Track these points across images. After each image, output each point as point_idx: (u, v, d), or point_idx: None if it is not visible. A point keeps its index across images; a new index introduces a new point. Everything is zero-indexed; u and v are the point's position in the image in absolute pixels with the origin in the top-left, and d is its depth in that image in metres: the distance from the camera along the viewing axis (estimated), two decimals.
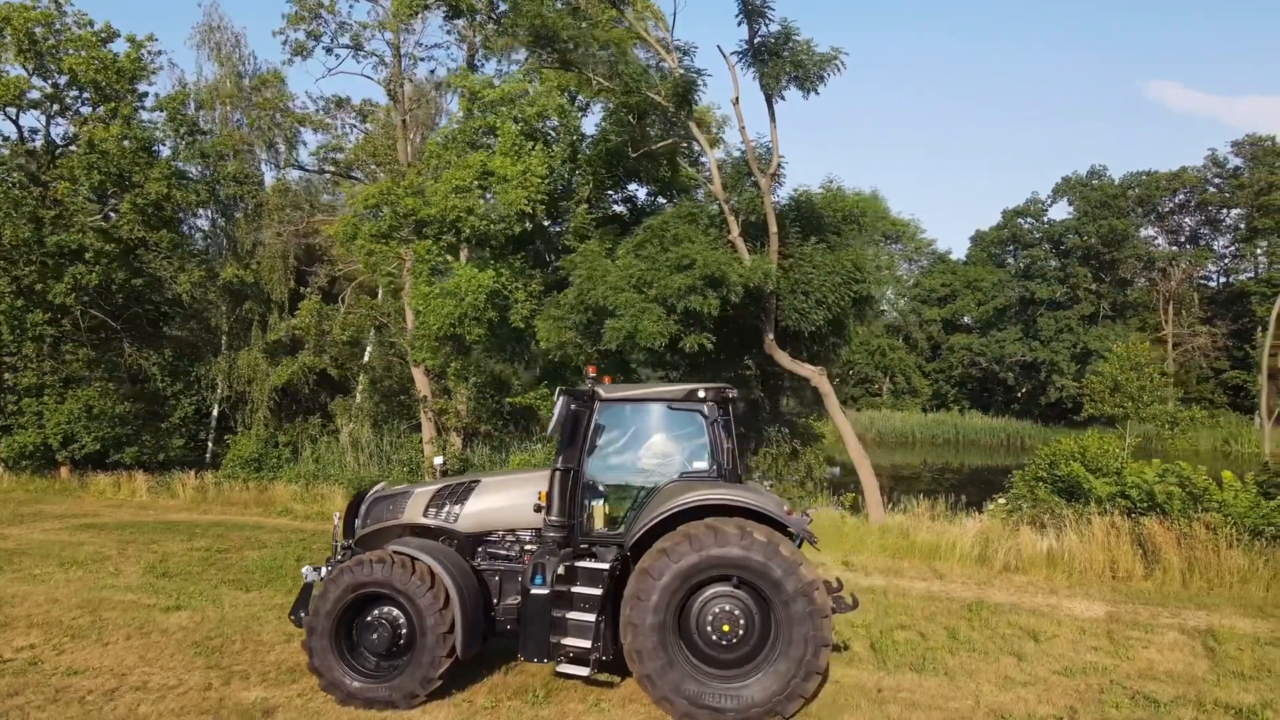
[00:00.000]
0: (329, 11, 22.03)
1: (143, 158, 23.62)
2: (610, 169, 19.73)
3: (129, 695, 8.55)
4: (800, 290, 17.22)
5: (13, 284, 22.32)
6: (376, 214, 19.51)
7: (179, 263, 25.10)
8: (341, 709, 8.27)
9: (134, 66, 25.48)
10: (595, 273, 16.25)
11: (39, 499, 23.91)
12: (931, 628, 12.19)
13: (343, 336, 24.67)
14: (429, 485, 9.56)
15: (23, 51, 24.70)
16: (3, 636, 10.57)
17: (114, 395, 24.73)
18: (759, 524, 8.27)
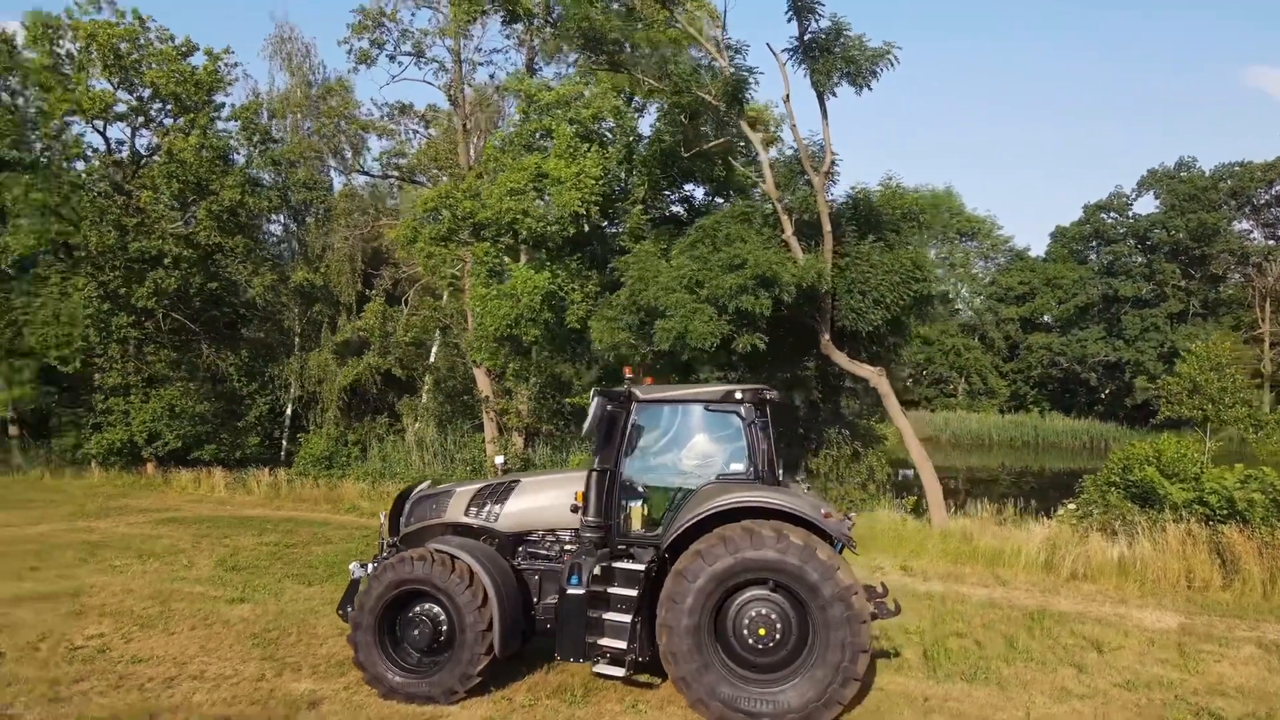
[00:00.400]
0: (391, 20, 22.60)
1: (218, 166, 24.55)
2: (665, 169, 19.72)
3: (186, 684, 8.88)
4: (857, 290, 16.92)
5: (99, 288, 23.46)
6: (436, 217, 19.89)
7: (253, 267, 26.00)
8: (384, 703, 8.44)
9: (211, 79, 26.50)
10: (647, 273, 16.26)
11: (126, 493, 25.04)
12: (989, 636, 11.86)
13: (405, 338, 25.23)
14: (471, 485, 9.70)
15: (108, 67, 25.89)
16: (77, 624, 11.09)
17: (194, 395, 25.76)
18: (796, 527, 8.16)
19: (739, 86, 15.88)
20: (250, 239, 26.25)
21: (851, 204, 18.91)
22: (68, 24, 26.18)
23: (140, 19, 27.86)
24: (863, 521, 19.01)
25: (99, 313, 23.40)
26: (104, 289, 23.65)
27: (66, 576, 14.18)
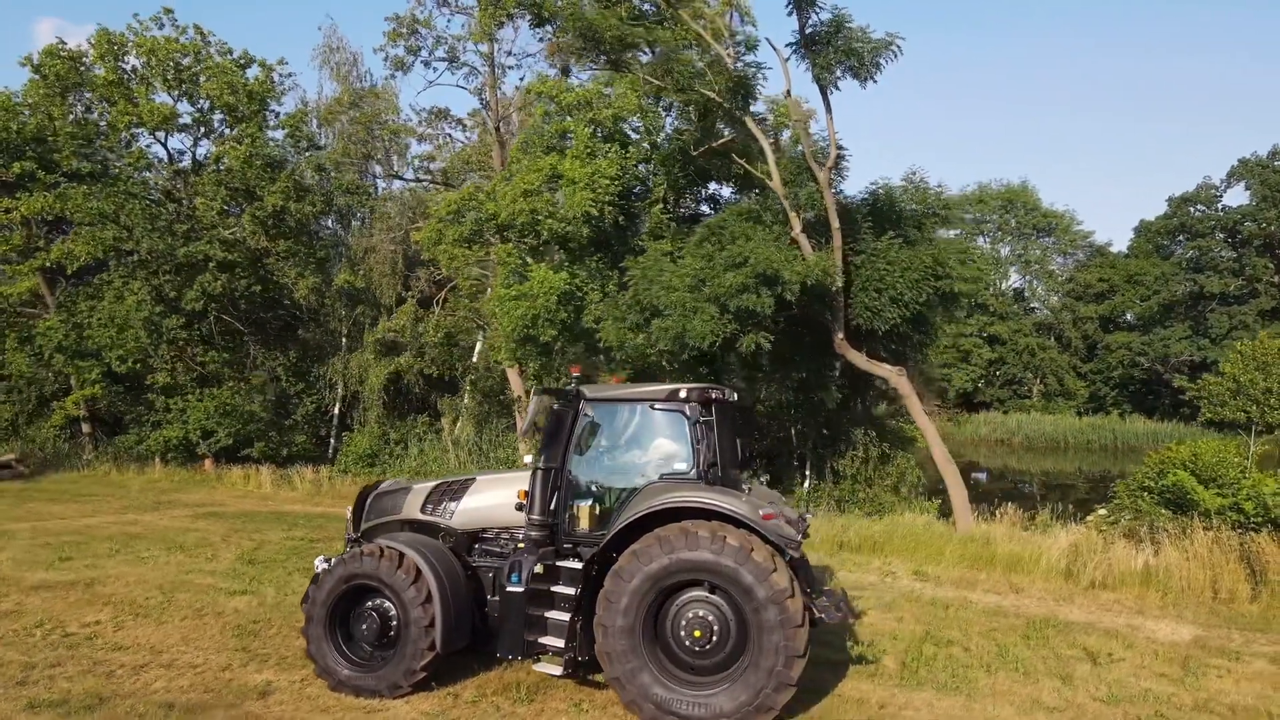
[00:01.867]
0: (425, 26, 23.04)
1: (267, 173, 25.43)
2: (684, 168, 19.61)
3: (153, 671, 9.21)
4: (872, 287, 16.53)
5: (152, 292, 24.56)
6: (459, 219, 20.21)
7: (298, 270, 26.87)
8: (331, 695, 8.61)
9: (263, 89, 27.48)
10: (650, 272, 16.21)
11: (180, 489, 26.13)
12: (982, 644, 11.47)
13: (435, 338, 25.72)
14: (428, 482, 9.82)
15: (167, 81, 27.08)
16: (78, 611, 11.62)
17: (244, 394, 26.75)
18: (736, 529, 8.03)
19: (744, 83, 15.70)
20: (299, 243, 27.14)
21: (872, 200, 18.50)
22: (132, 41, 27.46)
23: (201, 33, 29.07)
24: (884, 525, 18.60)
25: (152, 315, 24.53)
26: (157, 292, 24.78)
27: (93, 566, 14.86)
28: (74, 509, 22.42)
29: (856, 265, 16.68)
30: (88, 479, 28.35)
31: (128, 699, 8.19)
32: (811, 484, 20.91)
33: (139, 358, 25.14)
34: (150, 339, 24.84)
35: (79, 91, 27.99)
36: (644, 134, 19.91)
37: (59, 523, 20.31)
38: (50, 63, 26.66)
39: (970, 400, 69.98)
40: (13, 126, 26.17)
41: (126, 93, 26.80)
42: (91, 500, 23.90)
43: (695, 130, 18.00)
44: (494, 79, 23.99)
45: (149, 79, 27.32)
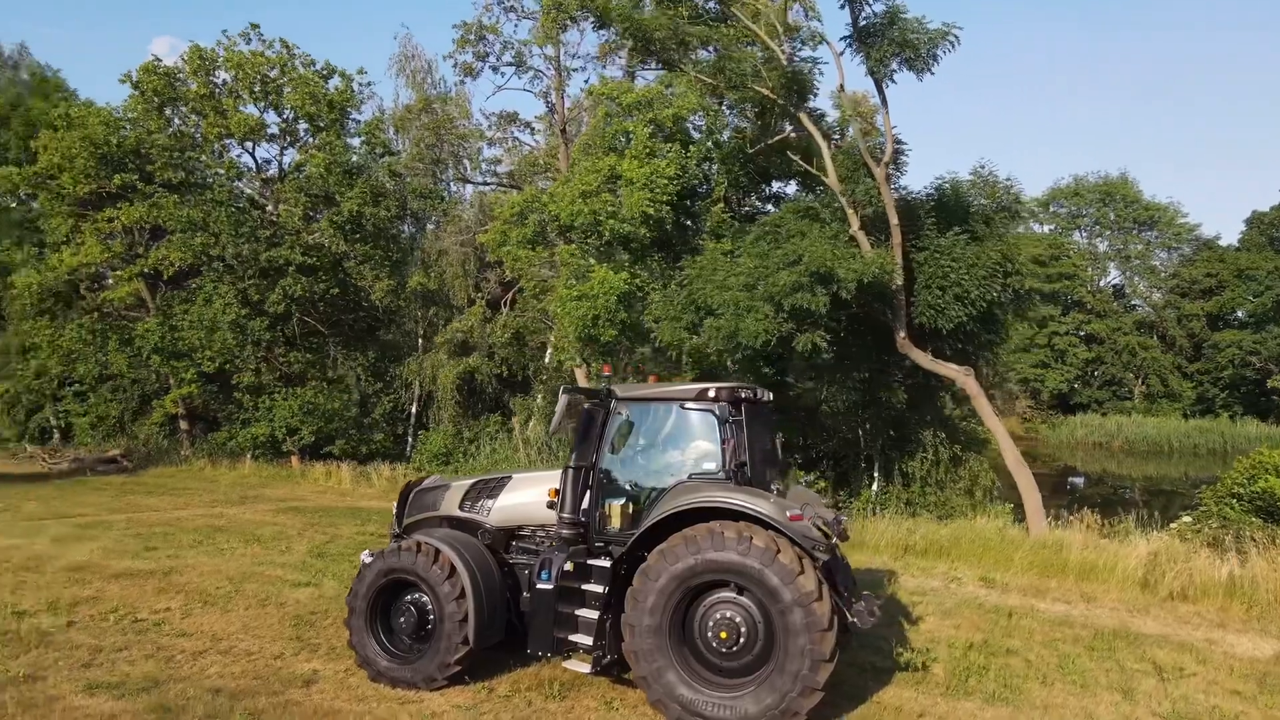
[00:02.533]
0: (492, 32, 23.47)
1: (345, 179, 26.33)
2: (744, 167, 19.43)
3: (211, 658, 9.63)
4: (935, 285, 16.07)
5: (239, 295, 25.73)
6: (523, 221, 20.50)
7: (375, 273, 27.74)
8: (370, 685, 8.86)
9: (343, 98, 28.47)
10: (704, 272, 16.12)
11: (266, 484, 27.26)
12: (1042, 654, 11.05)
13: (503, 338, 26.15)
14: (466, 480, 10.00)
15: (254, 93, 28.31)
16: (151, 599, 12.23)
17: (326, 393, 27.76)
18: (764, 529, 7.93)
19: (798, 79, 15.45)
20: (376, 247, 28.01)
21: (937, 195, 17.98)
22: (222, 56, 28.81)
23: (287, 47, 30.31)
24: (952, 529, 18.08)
25: (238, 318, 25.70)
26: (243, 296, 25.94)
27: (174, 557, 15.61)
28: (167, 502, 23.62)
29: (919, 263, 16.26)
30: (184, 474, 29.82)
31: (180, 683, 8.57)
32: (879, 486, 20.46)
33: (226, 358, 26.35)
34: (236, 340, 26.01)
35: (174, 105, 29.49)
36: (706, 133, 19.82)
37: (152, 515, 21.42)
38: (148, 79, 28.16)
39: (1066, 402, 67.34)
40: (113, 140, 27.75)
41: (217, 105, 28.12)
42: (184, 494, 25.14)
43: (753, 128, 17.82)
44: (560, 82, 24.30)
45: (237, 92, 28.61)
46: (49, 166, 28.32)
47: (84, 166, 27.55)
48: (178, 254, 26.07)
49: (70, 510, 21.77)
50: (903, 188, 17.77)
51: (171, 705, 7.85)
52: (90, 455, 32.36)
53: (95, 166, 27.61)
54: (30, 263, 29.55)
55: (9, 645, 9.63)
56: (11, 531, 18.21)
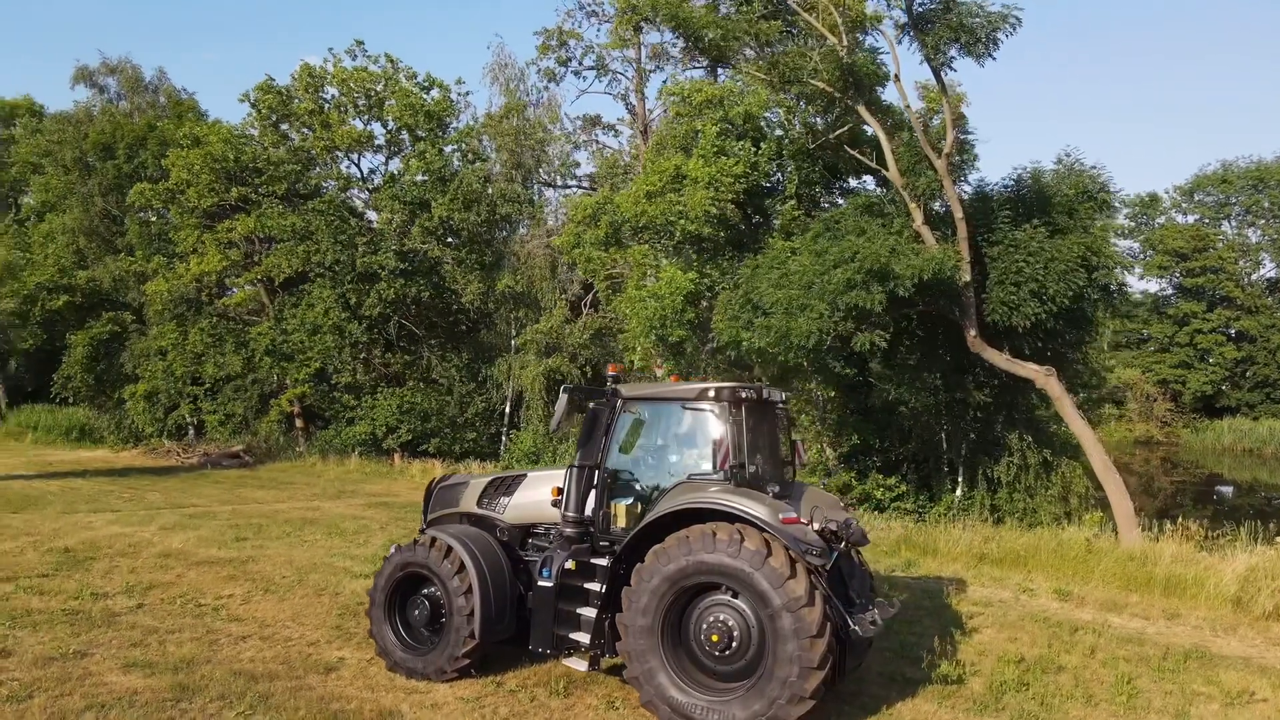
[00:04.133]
0: (574, 38, 23.81)
1: (438, 186, 27.32)
2: (814, 163, 18.99)
3: (251, 643, 10.16)
4: (1009, 281, 15.27)
5: (339, 300, 27.08)
6: (596, 222, 20.70)
7: (466, 276, 28.64)
8: (386, 674, 9.17)
9: (440, 109, 29.55)
10: (759, 270, 15.83)
11: (367, 480, 28.53)
12: (1099, 673, 10.41)
13: (582, 339, 26.47)
14: (485, 477, 10.20)
15: (358, 108, 29.74)
16: (220, 586, 12.99)
17: (423, 393, 28.86)
18: (759, 531, 7.77)
19: (853, 71, 14.96)
20: (468, 250, 28.92)
21: (1015, 185, 17.06)
22: (330, 73, 30.38)
23: (392, 61, 31.69)
24: (1031, 538, 17.16)
25: (338, 321, 27.05)
26: (343, 300, 27.29)
27: (259, 547, 16.54)
28: (272, 495, 25.05)
29: (992, 258, 15.51)
30: (296, 469, 31.55)
31: (211, 665, 9.10)
32: (963, 492, 19.63)
33: (327, 360, 27.77)
34: (335, 343, 27.38)
35: (288, 121, 31.30)
36: (784, 128, 19.49)
37: (255, 507, 22.76)
38: (263, 97, 30.00)
39: (1211, 405, 62.68)
40: (230, 156, 29.70)
41: (324, 119, 29.67)
42: (289, 488, 26.59)
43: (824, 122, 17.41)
44: (640, 83, 24.44)
45: (343, 106, 30.11)
46: (178, 182, 30.57)
47: (207, 181, 29.61)
48: (284, 261, 27.67)
49: (185, 501, 23.40)
50: (982, 180, 17.01)
51: (191, 685, 8.35)
52: (217, 450, 34.67)
53: (216, 181, 29.62)
54: (161, 271, 31.95)
55: (75, 624, 10.44)
56: (128, 520, 19.70)
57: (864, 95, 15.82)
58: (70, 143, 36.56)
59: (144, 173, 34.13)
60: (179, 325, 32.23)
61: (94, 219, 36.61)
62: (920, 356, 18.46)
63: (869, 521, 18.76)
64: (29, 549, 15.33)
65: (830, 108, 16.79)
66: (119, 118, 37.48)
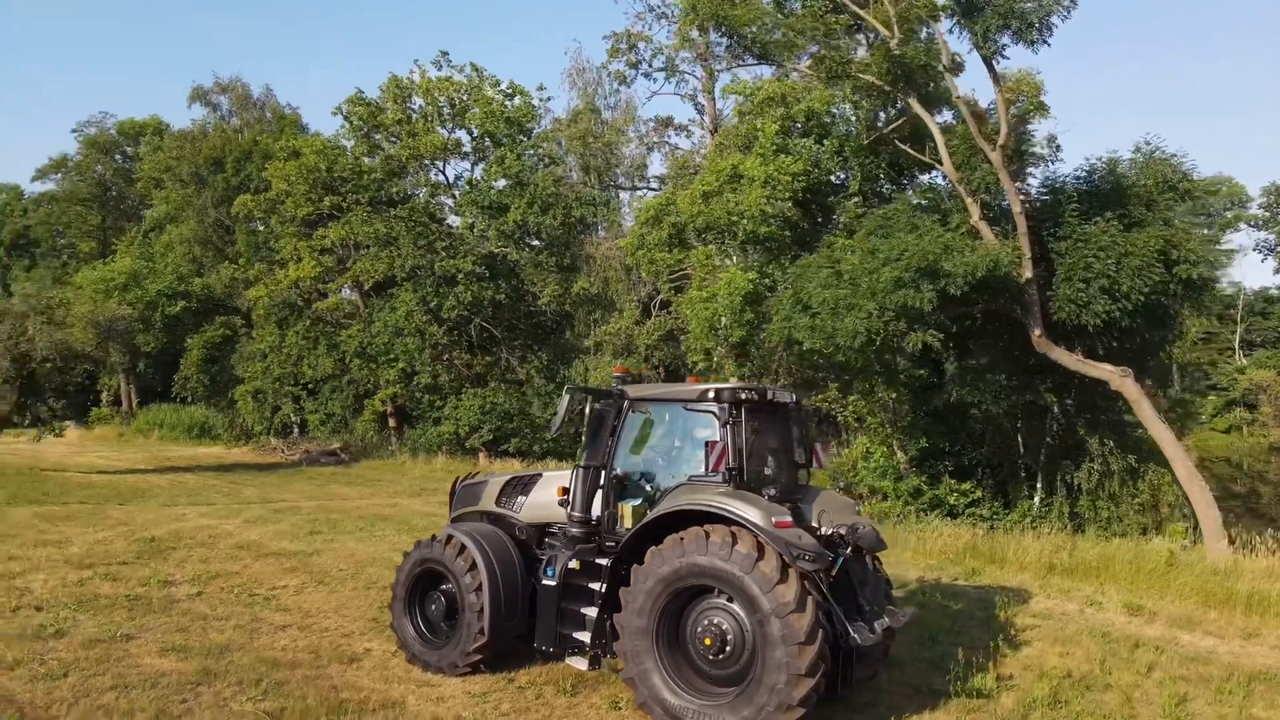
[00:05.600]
0: (644, 40, 23.91)
1: (516, 190, 27.93)
2: (876, 158, 18.44)
3: (290, 632, 10.60)
4: (1077, 277, 14.48)
5: (420, 303, 27.98)
6: (658, 224, 20.69)
7: (543, 279, 29.14)
8: (404, 666, 9.43)
9: (520, 115, 30.19)
10: (808, 269, 15.47)
11: (449, 478, 28.86)
12: (1150, 693, 9.85)
13: (650, 339, 26.47)
14: (503, 476, 10.35)
15: (442, 116, 30.68)
16: (279, 577, 13.60)
17: (504, 393, 29.53)
18: (752, 535, 7.65)
19: (902, 63, 14.44)
20: (550, 254, 29.44)
21: (1087, 176, 16.14)
22: (416, 83, 31.46)
23: (477, 70, 32.58)
24: (1107, 548, 16.27)
25: (420, 324, 27.97)
26: (424, 303, 28.20)
27: (329, 540, 17.24)
28: (358, 491, 26.06)
29: (1059, 253, 14.74)
30: (386, 467, 32.72)
31: (241, 652, 9.53)
32: (1041, 498, 18.76)
33: (409, 362, 28.73)
34: (416, 345, 28.31)
35: (379, 131, 32.57)
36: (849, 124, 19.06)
37: (340, 502, 23.73)
38: (354, 109, 31.31)
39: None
40: (323, 166, 31.10)
41: (411, 129, 30.73)
42: (375, 485, 27.59)
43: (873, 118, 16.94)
44: (709, 84, 24.33)
45: (429, 115, 31.13)
46: (278, 193, 32.23)
47: (303, 191, 31.11)
48: (370, 266, 28.81)
49: (276, 496, 24.60)
50: (1052, 174, 16.20)
51: (216, 670, 8.78)
52: (316, 448, 36.35)
53: (312, 191, 31.08)
54: (262, 278, 33.75)
55: (134, 609, 11.13)
56: (218, 513, 20.85)
57: (916, 88, 15.30)
58: (187, 158, 39.05)
59: (249, 185, 36.11)
60: (279, 329, 33.95)
61: (207, 229, 38.98)
62: (992, 358, 17.73)
63: (938, 527, 18.16)
64: (120, 538, 16.40)
65: (891, 102, 16.29)
66: (229, 133, 39.76)
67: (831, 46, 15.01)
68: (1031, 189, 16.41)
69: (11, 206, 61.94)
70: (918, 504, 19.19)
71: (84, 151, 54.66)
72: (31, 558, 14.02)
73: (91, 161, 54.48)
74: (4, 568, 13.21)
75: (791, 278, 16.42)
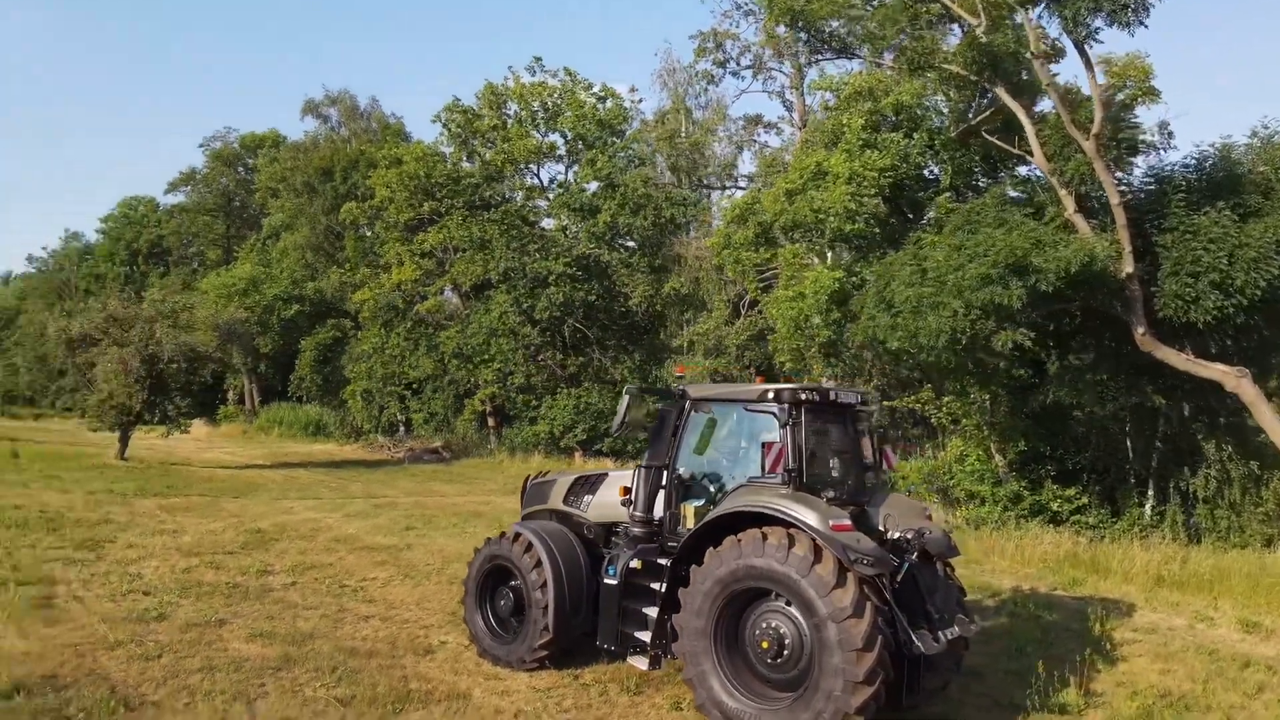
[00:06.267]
0: (731, 38, 23.73)
1: (607, 192, 28.21)
2: (970, 151, 17.74)
3: (371, 623, 10.99)
4: (1185, 272, 13.59)
5: (514, 304, 28.56)
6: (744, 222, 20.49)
7: (635, 279, 29.31)
8: (474, 660, 9.65)
9: (612, 117, 30.48)
10: (891, 267, 14.99)
11: None
12: (1257, 715, 9.31)
13: (739, 339, 26.20)
14: (571, 474, 10.45)
15: (536, 121, 31.27)
16: (370, 570, 14.12)
17: (598, 393, 29.84)
18: (810, 538, 7.51)
19: (989, 51, 13.81)
20: (643, 255, 29.62)
21: (1198, 164, 15.11)
22: (510, 89, 32.16)
23: (570, 74, 33.08)
24: (1223, 561, 15.26)
25: (513, 326, 28.57)
26: (517, 305, 28.78)
27: (421, 536, 17.81)
28: (455, 489, 26.80)
29: (1164, 246, 13.87)
30: (485, 465, 33.52)
31: (323, 641, 9.93)
32: (1152, 506, 17.74)
33: (502, 362, 29.37)
34: (510, 346, 28.91)
35: (474, 136, 33.45)
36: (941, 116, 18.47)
37: (436, 499, 24.46)
38: (451, 116, 32.26)
39: None
40: (421, 173, 32.13)
41: (505, 134, 31.44)
42: (473, 483, 28.32)
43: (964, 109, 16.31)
44: (799, 80, 23.95)
45: (523, 120, 31.78)
46: (381, 200, 33.50)
47: (404, 197, 32.23)
48: (466, 269, 29.61)
49: (379, 493, 25.54)
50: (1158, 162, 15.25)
51: (296, 656, 9.17)
52: (420, 446, 37.57)
53: (412, 196, 32.17)
54: (367, 282, 35.16)
55: (231, 595, 11.74)
56: (323, 507, 21.80)
57: (1005, 77, 14.64)
58: (299, 169, 41.00)
59: (356, 192, 37.64)
60: (384, 330, 35.26)
61: (319, 236, 40.86)
62: (1095, 357, 16.86)
63: (1038, 534, 17.41)
64: (230, 529, 17.33)
65: (982, 93, 15.66)
66: (338, 143, 41.55)
67: (917, 36, 14.54)
68: (1131, 180, 15.51)
69: (148, 218, 66.36)
70: (1017, 510, 18.42)
71: (210, 165, 58.13)
72: (147, 545, 14.95)
73: (217, 174, 57.88)
74: (122, 554, 14.11)
75: (876, 275, 15.99)
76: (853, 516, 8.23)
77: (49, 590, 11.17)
